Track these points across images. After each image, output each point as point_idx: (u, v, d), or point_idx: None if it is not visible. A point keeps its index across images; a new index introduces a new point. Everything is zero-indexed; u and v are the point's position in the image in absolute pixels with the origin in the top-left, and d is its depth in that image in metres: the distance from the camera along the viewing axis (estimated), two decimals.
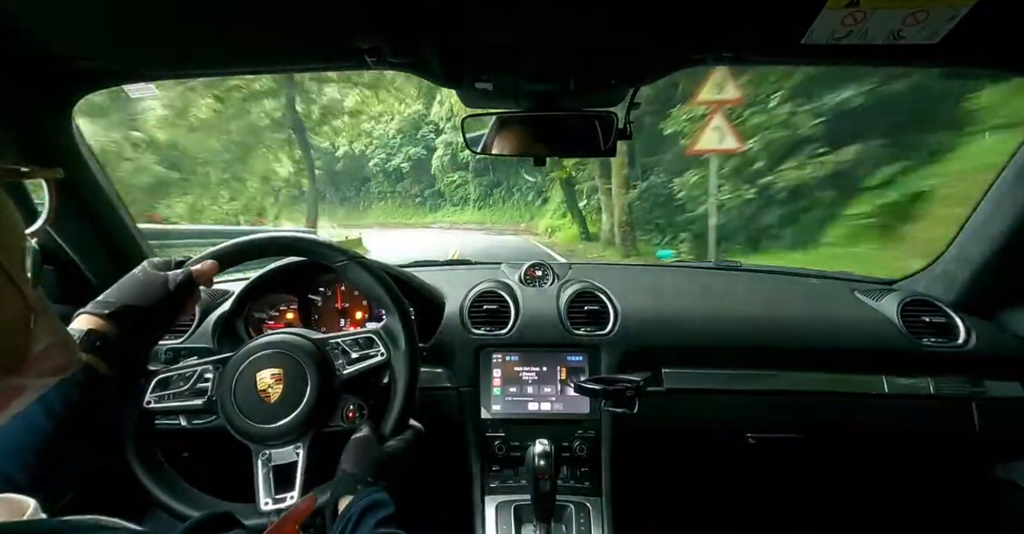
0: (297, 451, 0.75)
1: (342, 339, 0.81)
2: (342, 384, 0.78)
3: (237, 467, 0.78)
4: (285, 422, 0.74)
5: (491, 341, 1.19)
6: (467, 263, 1.62)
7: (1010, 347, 1.16)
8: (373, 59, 0.80)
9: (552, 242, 14.47)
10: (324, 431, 0.77)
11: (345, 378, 0.78)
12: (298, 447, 0.75)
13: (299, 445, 0.75)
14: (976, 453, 1.20)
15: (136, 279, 0.73)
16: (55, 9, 0.69)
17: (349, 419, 0.79)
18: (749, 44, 0.77)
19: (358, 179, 35.34)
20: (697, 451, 1.36)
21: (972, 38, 0.73)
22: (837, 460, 1.35)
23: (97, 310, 0.68)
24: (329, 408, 0.77)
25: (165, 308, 0.73)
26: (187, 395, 0.78)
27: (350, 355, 0.80)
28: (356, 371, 0.79)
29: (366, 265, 0.82)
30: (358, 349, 0.81)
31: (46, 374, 0.40)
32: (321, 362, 0.78)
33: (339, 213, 26.93)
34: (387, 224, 29.18)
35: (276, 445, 0.75)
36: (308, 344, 0.79)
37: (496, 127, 1.00)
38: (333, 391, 0.77)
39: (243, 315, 1.18)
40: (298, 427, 0.74)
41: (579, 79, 0.90)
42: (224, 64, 0.92)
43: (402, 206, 32.72)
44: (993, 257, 1.13)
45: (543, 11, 0.71)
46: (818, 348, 1.18)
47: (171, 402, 0.78)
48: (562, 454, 1.11)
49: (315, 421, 0.75)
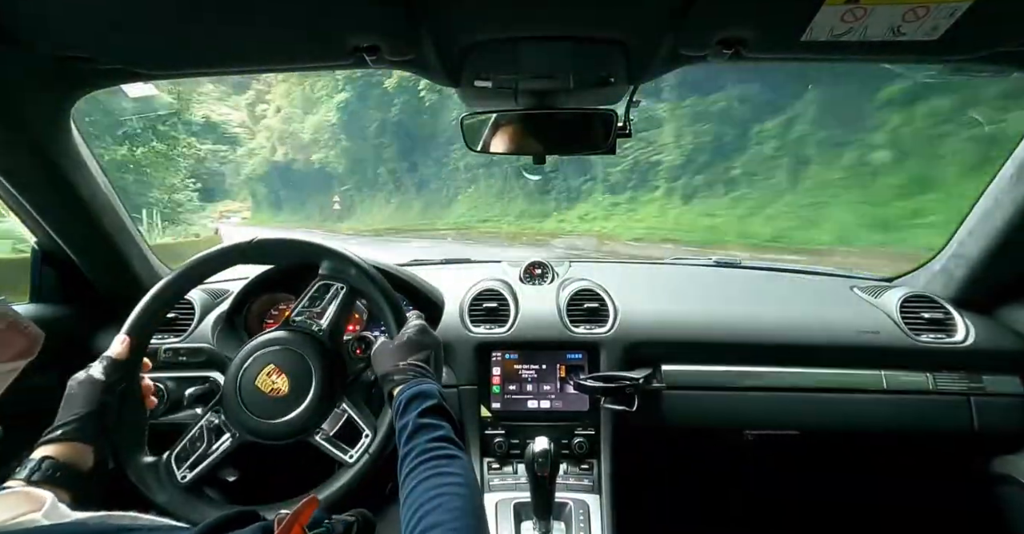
0: (343, 412, 0.78)
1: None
2: (340, 349, 0.82)
3: (258, 475, 0.78)
4: (303, 408, 0.76)
5: (491, 339, 1.19)
6: (467, 261, 1.62)
7: (1009, 343, 1.16)
8: (372, 58, 0.80)
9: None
10: (352, 384, 0.81)
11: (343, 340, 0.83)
12: (341, 410, 0.78)
13: (340, 407, 0.78)
14: (975, 449, 1.20)
15: (70, 394, 0.69)
16: (53, 9, 0.68)
17: (357, 355, 0.83)
18: (749, 41, 0.77)
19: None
20: (696, 448, 1.36)
21: (972, 34, 0.72)
22: (836, 456, 1.35)
23: (49, 437, 0.64)
24: (341, 376, 0.80)
25: (113, 400, 0.70)
26: (214, 448, 0.78)
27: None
28: (352, 336, 0.84)
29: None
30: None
31: (10, 358, 0.41)
32: (317, 343, 0.80)
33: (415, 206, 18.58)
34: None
35: (311, 429, 0.77)
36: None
37: (495, 125, 1.00)
38: (334, 357, 0.80)
39: (242, 314, 1.18)
40: (319, 406, 0.76)
41: (578, 77, 0.89)
42: (223, 63, 0.92)
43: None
44: (992, 253, 1.13)
45: (542, 9, 0.71)
46: (817, 345, 1.18)
47: (206, 462, 0.77)
48: (562, 451, 1.11)
49: (334, 389, 0.78)
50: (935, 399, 1.13)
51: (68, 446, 0.64)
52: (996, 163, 1.08)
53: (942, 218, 5.78)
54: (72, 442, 0.64)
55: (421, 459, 0.57)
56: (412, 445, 0.59)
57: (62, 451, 0.63)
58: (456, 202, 16.35)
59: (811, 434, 1.21)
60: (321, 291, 0.83)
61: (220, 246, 0.84)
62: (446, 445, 0.59)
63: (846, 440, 1.28)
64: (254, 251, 0.83)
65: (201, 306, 1.25)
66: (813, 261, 6.15)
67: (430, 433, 0.60)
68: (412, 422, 0.62)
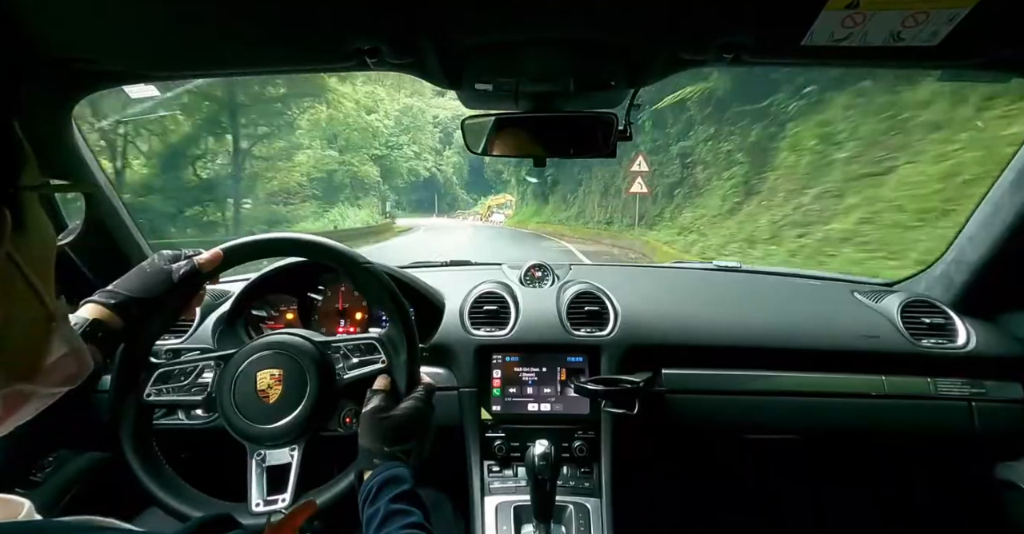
0: (292, 453, 0.75)
1: (344, 343, 0.81)
2: (341, 389, 0.78)
3: (233, 466, 0.78)
4: (283, 423, 0.74)
5: (491, 342, 1.19)
6: (467, 264, 1.62)
7: (1010, 348, 1.16)
8: (373, 60, 0.80)
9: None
10: (321, 435, 0.77)
11: (345, 382, 0.78)
12: (293, 449, 0.75)
13: (294, 447, 0.75)
14: (976, 454, 1.20)
15: (143, 271, 0.74)
16: (54, 11, 0.69)
17: (346, 424, 0.79)
18: (749, 45, 0.77)
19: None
20: (696, 452, 1.36)
21: (971, 40, 0.73)
22: (836, 461, 1.35)
23: (103, 299, 0.69)
24: (327, 411, 0.77)
25: (169, 300, 0.74)
26: (187, 390, 0.78)
27: (351, 359, 0.79)
28: (356, 377, 0.78)
29: (373, 271, 0.81)
30: (359, 354, 0.80)
31: (56, 384, 0.40)
32: (322, 365, 0.77)
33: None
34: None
35: (272, 446, 0.75)
36: (309, 346, 0.78)
37: (496, 128, 1.00)
38: (332, 394, 0.77)
39: (243, 315, 1.18)
40: (295, 429, 0.74)
41: (578, 80, 0.90)
42: (224, 65, 0.92)
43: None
44: (992, 259, 1.13)
45: (542, 12, 0.71)
46: (818, 349, 1.18)
47: (171, 396, 0.78)
48: (562, 455, 1.11)
49: (312, 424, 0.75)
50: (936, 404, 1.13)
51: (111, 314, 0.69)
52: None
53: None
54: (116, 314, 0.69)
55: None
56: (384, 532, 0.59)
57: (108, 315, 0.69)
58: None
59: (812, 438, 1.21)
60: (369, 348, 0.80)
61: (322, 239, 0.84)
62: (419, 532, 0.59)
63: (847, 445, 1.27)
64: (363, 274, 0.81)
65: (202, 307, 1.25)
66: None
67: (402, 519, 0.59)
68: (384, 507, 0.61)
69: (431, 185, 47.99)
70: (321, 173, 20.68)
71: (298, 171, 18.53)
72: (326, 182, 21.17)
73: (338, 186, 22.18)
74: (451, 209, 51.86)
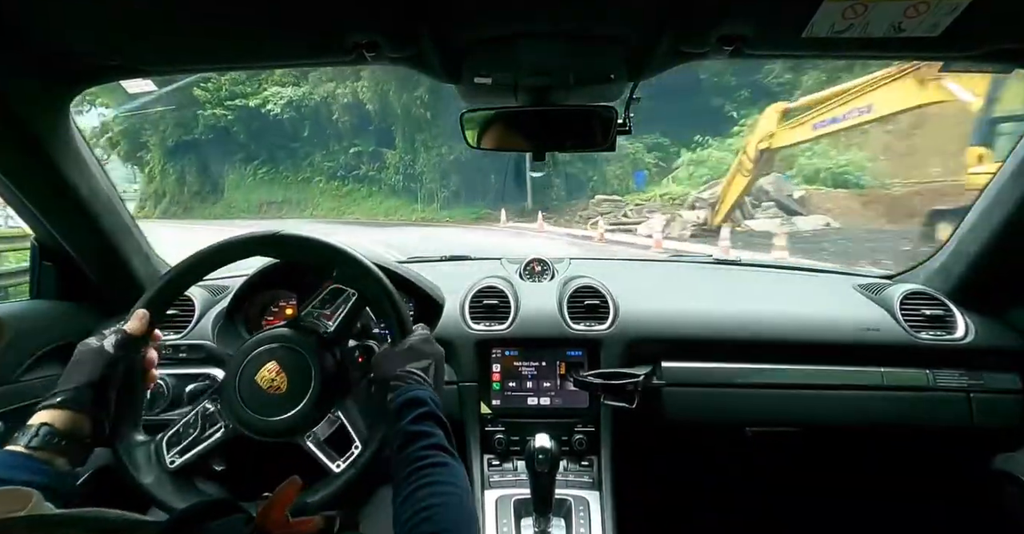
0: (335, 421, 0.77)
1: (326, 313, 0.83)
2: (343, 354, 0.81)
3: (245, 469, 0.78)
4: (299, 408, 0.75)
5: (491, 336, 1.19)
6: (467, 258, 1.62)
7: (1008, 340, 1.16)
8: (371, 54, 0.80)
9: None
10: (350, 392, 0.80)
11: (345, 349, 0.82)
12: (336, 417, 0.77)
13: (334, 417, 0.77)
14: (974, 445, 1.20)
15: (76, 361, 0.69)
16: (52, 6, 0.68)
17: (360, 363, 0.83)
18: (749, 37, 0.76)
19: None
20: (696, 445, 1.36)
21: (972, 31, 0.72)
22: (836, 453, 1.35)
23: (50, 402, 0.64)
24: (340, 381, 0.79)
25: (115, 375, 0.69)
26: (206, 435, 0.76)
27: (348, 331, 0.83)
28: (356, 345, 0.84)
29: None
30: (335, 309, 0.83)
31: None
32: (321, 351, 0.79)
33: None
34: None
35: (306, 429, 0.76)
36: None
37: (495, 122, 0.99)
38: (336, 362, 0.80)
39: (242, 311, 1.18)
40: (314, 408, 0.75)
41: (577, 74, 0.89)
42: (221, 59, 0.92)
43: None
44: (992, 251, 1.13)
45: (541, 6, 0.71)
46: (817, 342, 1.18)
47: (196, 449, 0.76)
48: (562, 448, 1.11)
49: (332, 394, 0.77)
50: (934, 396, 1.13)
51: (66, 414, 0.63)
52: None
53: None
54: (70, 410, 0.63)
55: (414, 467, 0.58)
56: (405, 453, 0.60)
57: (60, 418, 0.63)
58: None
59: (811, 430, 1.21)
60: (333, 295, 0.82)
61: (241, 234, 0.83)
62: (438, 453, 0.60)
63: (846, 437, 1.28)
64: (272, 245, 0.83)
65: (201, 303, 1.25)
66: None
67: (423, 440, 0.61)
68: (405, 428, 0.62)
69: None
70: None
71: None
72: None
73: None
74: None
